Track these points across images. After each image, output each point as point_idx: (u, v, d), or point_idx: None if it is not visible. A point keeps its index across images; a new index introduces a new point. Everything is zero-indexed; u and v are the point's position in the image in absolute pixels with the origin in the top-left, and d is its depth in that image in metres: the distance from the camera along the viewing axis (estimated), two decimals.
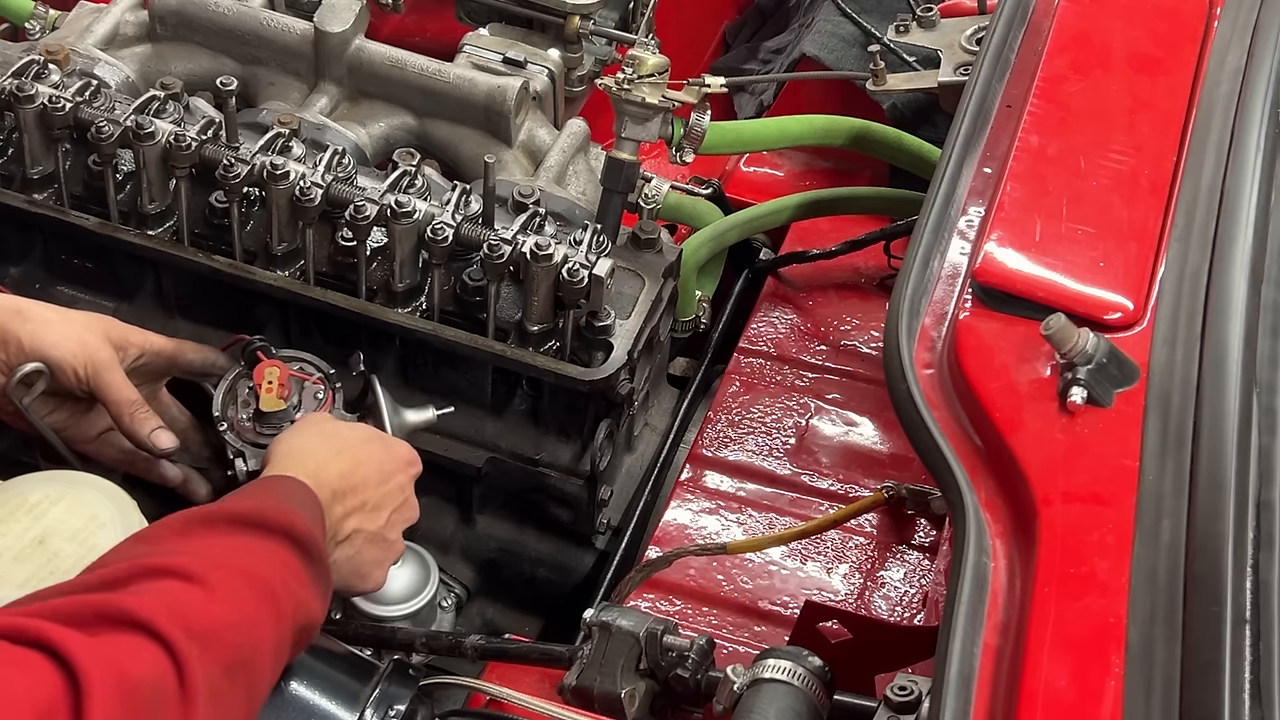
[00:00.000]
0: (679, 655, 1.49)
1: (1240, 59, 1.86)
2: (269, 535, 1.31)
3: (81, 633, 1.10)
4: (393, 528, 1.55)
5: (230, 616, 1.22)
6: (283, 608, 1.28)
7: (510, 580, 1.93)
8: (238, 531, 1.30)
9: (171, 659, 1.14)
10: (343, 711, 1.38)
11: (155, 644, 1.14)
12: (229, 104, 1.79)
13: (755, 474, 2.05)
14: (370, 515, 1.51)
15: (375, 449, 1.56)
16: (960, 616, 1.33)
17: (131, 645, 1.13)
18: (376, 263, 1.81)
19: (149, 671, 1.12)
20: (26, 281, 1.92)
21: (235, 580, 1.24)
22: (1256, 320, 1.56)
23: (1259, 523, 1.39)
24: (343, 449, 1.52)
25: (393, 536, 1.56)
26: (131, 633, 1.14)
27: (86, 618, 1.13)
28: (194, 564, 1.22)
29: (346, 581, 1.52)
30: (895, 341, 1.57)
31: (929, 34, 2.27)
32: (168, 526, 1.30)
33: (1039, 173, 1.73)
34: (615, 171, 1.87)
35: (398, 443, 1.62)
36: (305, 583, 1.32)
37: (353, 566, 1.51)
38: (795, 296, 2.31)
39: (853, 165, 2.49)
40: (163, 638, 1.14)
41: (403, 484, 1.57)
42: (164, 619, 1.14)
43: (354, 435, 1.57)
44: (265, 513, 1.32)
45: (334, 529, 1.46)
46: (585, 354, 1.79)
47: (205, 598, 1.20)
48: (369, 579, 1.55)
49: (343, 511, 1.47)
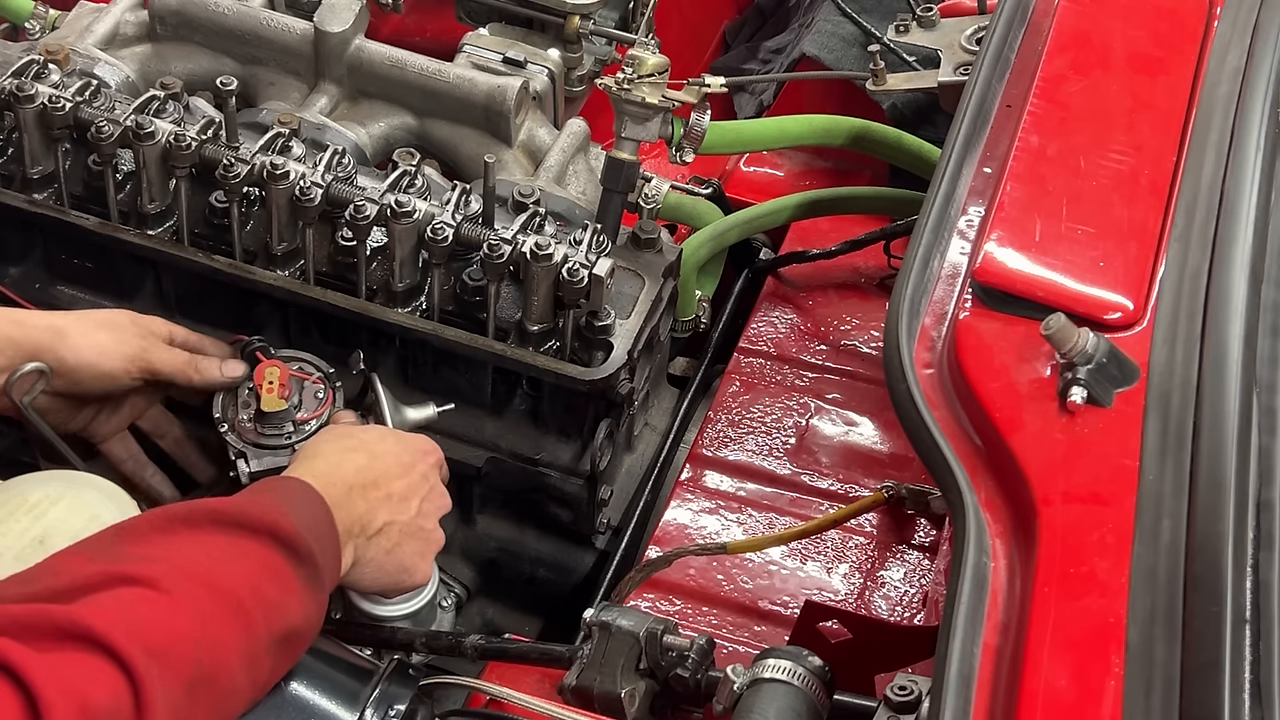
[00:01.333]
0: (679, 655, 1.49)
1: (1240, 59, 1.86)
2: (250, 535, 1.29)
3: (40, 653, 1.09)
4: (426, 517, 1.55)
5: (192, 630, 1.19)
6: (252, 618, 1.25)
7: (510, 580, 1.93)
8: (217, 531, 1.28)
9: (129, 681, 1.12)
10: (343, 711, 1.38)
11: (113, 665, 1.12)
12: (229, 104, 1.79)
13: (755, 474, 2.05)
14: (399, 506, 1.50)
15: (390, 442, 1.56)
16: (960, 616, 1.33)
17: (90, 666, 1.12)
18: (376, 262, 1.81)
19: (107, 697, 1.11)
20: (26, 281, 1.92)
21: (200, 591, 1.22)
22: (1256, 320, 1.56)
23: (1259, 523, 1.39)
24: (357, 446, 1.51)
25: (429, 526, 1.55)
26: (90, 651, 1.12)
27: (45, 631, 1.12)
28: (158, 571, 1.20)
29: (394, 578, 1.52)
30: (895, 341, 1.57)
31: (929, 34, 2.27)
32: (150, 522, 1.29)
33: (1039, 173, 1.73)
34: (615, 171, 1.87)
35: (412, 435, 1.62)
36: (289, 585, 1.30)
37: (395, 560, 1.50)
38: (795, 296, 2.31)
39: (853, 165, 2.49)
40: (121, 657, 1.12)
41: (425, 473, 1.56)
42: (122, 636, 1.13)
43: (367, 433, 1.58)
44: (248, 512, 1.30)
45: (361, 523, 1.45)
46: (585, 354, 1.79)
47: (168, 609, 1.19)
48: (415, 572, 1.54)
49: (367, 505, 1.46)
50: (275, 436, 1.69)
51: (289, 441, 1.69)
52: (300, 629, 1.32)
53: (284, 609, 1.29)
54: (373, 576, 1.50)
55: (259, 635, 1.25)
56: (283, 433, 1.70)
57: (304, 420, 1.70)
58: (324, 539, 1.38)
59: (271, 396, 1.69)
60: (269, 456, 1.69)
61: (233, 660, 1.22)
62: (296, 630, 1.31)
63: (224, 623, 1.23)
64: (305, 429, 1.69)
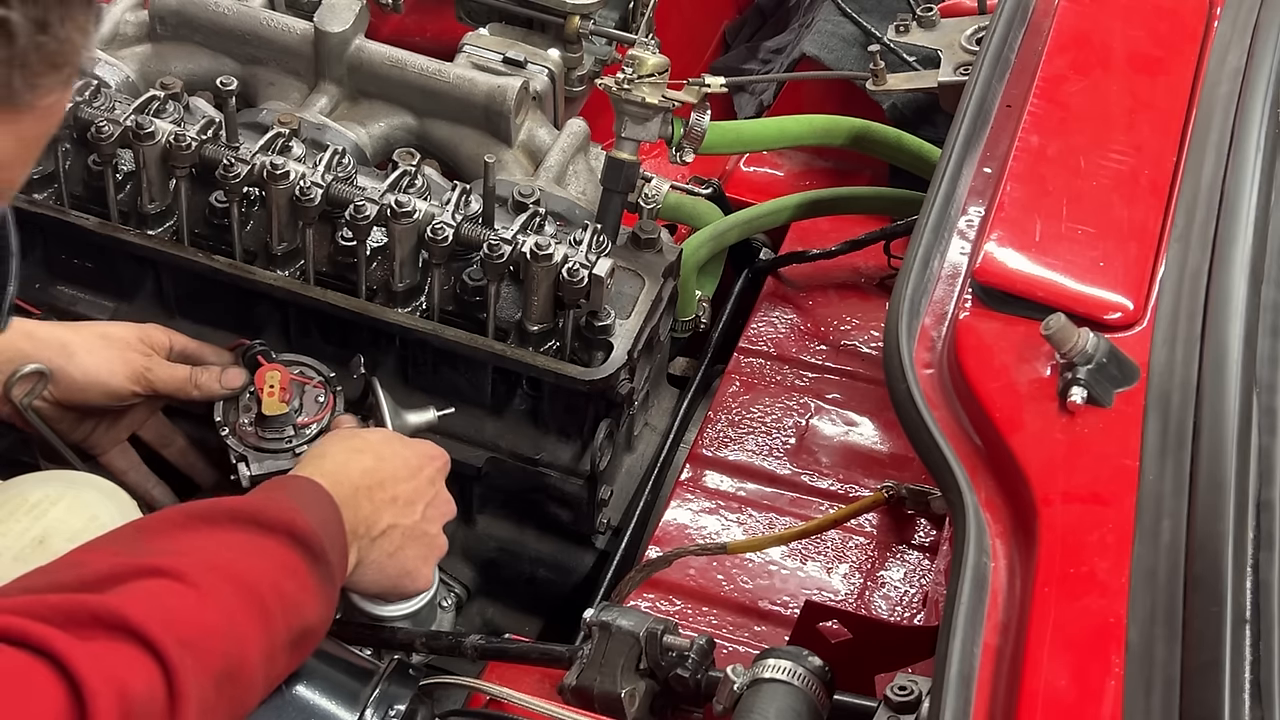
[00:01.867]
0: (679, 655, 1.49)
1: (1240, 59, 1.86)
2: (268, 533, 1.29)
3: (80, 641, 1.10)
4: (430, 522, 1.55)
5: (220, 624, 1.20)
6: (272, 615, 1.26)
7: (510, 580, 1.93)
8: (237, 529, 1.28)
9: (164, 671, 1.13)
10: (343, 711, 1.38)
11: (149, 655, 1.13)
12: (229, 104, 1.79)
13: (755, 474, 2.05)
14: (404, 509, 1.51)
15: (397, 446, 1.56)
16: (960, 616, 1.33)
17: (127, 655, 1.12)
18: (376, 263, 1.81)
19: (144, 685, 1.12)
20: (26, 282, 1.91)
21: (226, 586, 1.23)
22: (1256, 320, 1.56)
23: (1259, 523, 1.39)
24: (363, 448, 1.52)
25: (433, 530, 1.55)
26: (126, 641, 1.13)
27: (83, 620, 1.12)
28: (185, 565, 1.21)
29: (395, 581, 1.52)
30: (895, 341, 1.57)
31: (929, 34, 2.27)
32: (168, 519, 1.30)
33: (1039, 173, 1.73)
34: (615, 171, 1.87)
35: (419, 440, 1.62)
36: (305, 584, 1.31)
37: (398, 564, 1.51)
38: (795, 296, 2.31)
39: (853, 165, 2.49)
40: (156, 648, 1.13)
41: (431, 477, 1.57)
42: (157, 626, 1.14)
43: (374, 436, 1.58)
44: (266, 510, 1.31)
45: (366, 524, 1.46)
46: (585, 354, 1.79)
47: (196, 602, 1.19)
48: (416, 576, 1.54)
49: (372, 507, 1.47)
50: (276, 440, 1.69)
51: (289, 445, 1.69)
52: (314, 627, 1.33)
53: (301, 607, 1.30)
54: (373, 579, 1.50)
55: (278, 632, 1.26)
56: (283, 436, 1.70)
57: (304, 424, 1.70)
58: (334, 537, 1.38)
59: (272, 400, 1.69)
60: (269, 460, 1.69)
61: (254, 656, 1.23)
62: (311, 628, 1.32)
63: (248, 618, 1.24)
64: (306, 433, 1.70)
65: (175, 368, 1.70)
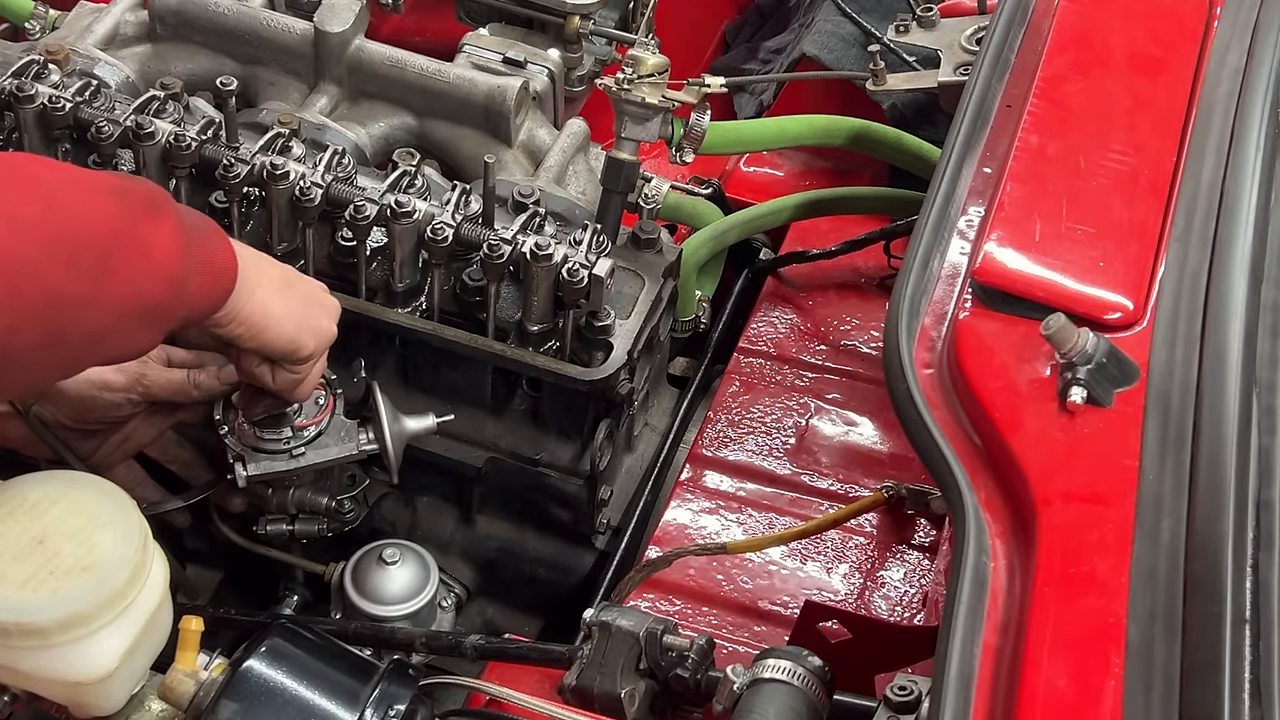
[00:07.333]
0: (679, 655, 1.49)
1: (1240, 59, 1.86)
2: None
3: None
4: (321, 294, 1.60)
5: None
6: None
7: (510, 580, 1.93)
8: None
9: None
10: (343, 711, 1.38)
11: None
12: (229, 104, 1.79)
13: (755, 474, 2.05)
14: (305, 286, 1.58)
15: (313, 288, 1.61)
16: (960, 616, 1.33)
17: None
18: (376, 263, 1.81)
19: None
20: None
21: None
22: (1256, 320, 1.56)
23: (1259, 523, 1.39)
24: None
25: (313, 292, 1.59)
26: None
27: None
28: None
29: (302, 311, 1.54)
30: (895, 341, 1.57)
31: (929, 34, 2.27)
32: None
33: (1039, 173, 1.73)
34: (615, 171, 1.87)
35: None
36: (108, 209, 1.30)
37: (300, 294, 1.54)
38: (795, 296, 2.31)
39: (853, 165, 2.50)
40: None
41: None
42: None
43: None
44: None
45: (265, 266, 1.50)
46: (585, 354, 1.79)
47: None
48: (322, 310, 1.58)
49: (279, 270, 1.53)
50: (274, 441, 1.69)
51: (287, 446, 1.68)
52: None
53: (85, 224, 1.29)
54: (280, 308, 1.51)
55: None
56: (281, 437, 1.69)
57: (303, 425, 1.69)
58: (208, 230, 1.41)
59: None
60: (266, 460, 1.68)
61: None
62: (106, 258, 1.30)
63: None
64: (304, 434, 1.69)
65: (171, 372, 1.69)
